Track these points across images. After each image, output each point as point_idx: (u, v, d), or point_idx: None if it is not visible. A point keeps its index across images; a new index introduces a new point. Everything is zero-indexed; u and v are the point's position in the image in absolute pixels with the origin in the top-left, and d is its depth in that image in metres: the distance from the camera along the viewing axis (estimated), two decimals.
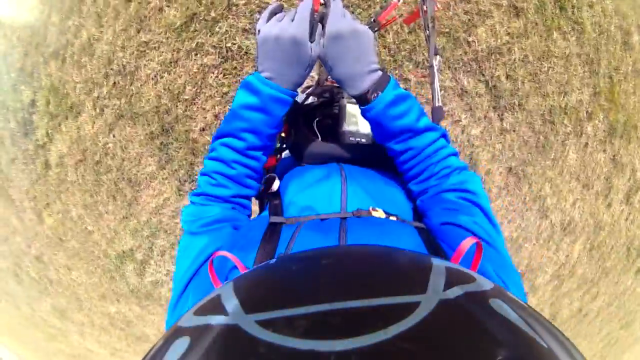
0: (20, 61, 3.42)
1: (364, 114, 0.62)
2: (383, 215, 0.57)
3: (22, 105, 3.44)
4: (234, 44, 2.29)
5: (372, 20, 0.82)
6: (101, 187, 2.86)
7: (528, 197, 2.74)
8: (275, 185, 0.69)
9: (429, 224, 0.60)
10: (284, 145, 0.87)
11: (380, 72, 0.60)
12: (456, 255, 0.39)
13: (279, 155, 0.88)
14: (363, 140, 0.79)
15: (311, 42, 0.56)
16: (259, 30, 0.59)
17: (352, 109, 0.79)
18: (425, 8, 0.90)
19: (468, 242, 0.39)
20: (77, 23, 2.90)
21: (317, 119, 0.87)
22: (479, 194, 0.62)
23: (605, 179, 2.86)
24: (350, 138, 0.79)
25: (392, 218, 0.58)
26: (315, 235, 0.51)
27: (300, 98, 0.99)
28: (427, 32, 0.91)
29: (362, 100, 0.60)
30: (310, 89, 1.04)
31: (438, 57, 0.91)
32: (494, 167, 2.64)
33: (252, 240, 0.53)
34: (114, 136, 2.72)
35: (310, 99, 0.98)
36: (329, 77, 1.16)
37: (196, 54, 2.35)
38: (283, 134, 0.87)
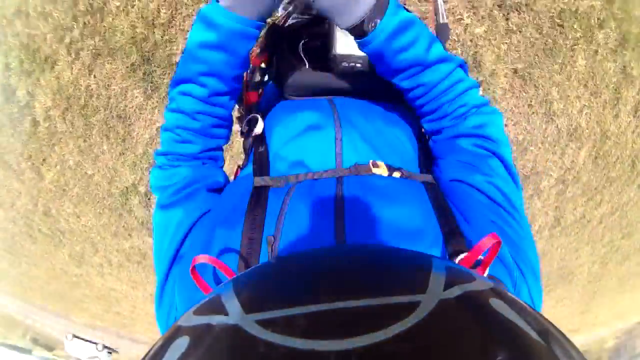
0: None
1: (361, 47, 0.53)
2: (386, 172, 0.51)
3: None
4: None
5: None
6: (92, 129, 2.92)
7: (534, 101, 2.65)
8: (259, 127, 0.60)
9: (439, 177, 0.54)
10: (266, 78, 0.76)
11: None
12: (473, 254, 0.37)
13: (260, 90, 0.78)
14: (359, 64, 0.66)
15: None
16: None
17: None
18: None
19: (487, 242, 0.36)
20: None
21: (303, 40, 0.73)
22: (498, 141, 0.55)
23: (615, 89, 2.73)
24: (343, 63, 0.66)
25: (396, 174, 0.51)
26: (308, 207, 0.46)
27: (280, 12, 0.84)
28: None
29: (357, 32, 0.50)
30: (292, 4, 0.89)
31: None
32: (498, 68, 2.52)
33: (235, 211, 0.48)
34: (94, 77, 2.74)
35: (293, 18, 0.82)
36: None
37: None
38: (264, 64, 0.76)
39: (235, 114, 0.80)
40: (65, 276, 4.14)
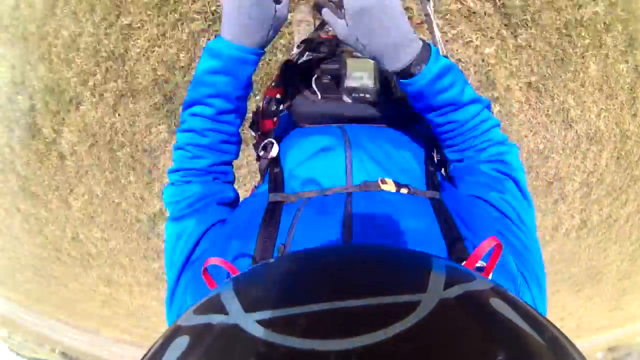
0: (8, 75, 3.64)
1: (404, 87, 0.60)
2: (394, 188, 0.56)
3: (21, 113, 3.69)
4: (219, 5, 2.49)
5: None
6: (118, 162, 3.27)
7: (551, 110, 2.82)
8: (274, 151, 0.69)
9: (455, 192, 0.61)
10: (281, 107, 0.86)
11: (421, 42, 0.57)
12: (473, 257, 0.38)
13: (275, 118, 0.87)
14: (368, 95, 0.74)
15: (277, 4, 0.58)
16: None
17: (354, 63, 0.75)
18: None
19: (488, 244, 0.38)
20: (54, 26, 3.12)
21: (316, 75, 0.82)
22: (514, 167, 0.63)
23: (630, 89, 2.87)
24: (354, 94, 0.75)
25: (403, 190, 0.56)
26: (318, 218, 0.51)
27: (294, 52, 0.96)
28: None
29: (403, 74, 0.58)
30: (305, 44, 0.99)
31: (431, 1, 0.86)
32: (512, 83, 2.70)
33: (250, 224, 0.54)
34: (119, 115, 3.09)
35: (307, 55, 0.94)
36: (330, 32, 1.09)
37: (182, 23, 2.63)
38: (279, 95, 0.86)
39: (253, 141, 0.94)
40: (94, 295, 4.52)
